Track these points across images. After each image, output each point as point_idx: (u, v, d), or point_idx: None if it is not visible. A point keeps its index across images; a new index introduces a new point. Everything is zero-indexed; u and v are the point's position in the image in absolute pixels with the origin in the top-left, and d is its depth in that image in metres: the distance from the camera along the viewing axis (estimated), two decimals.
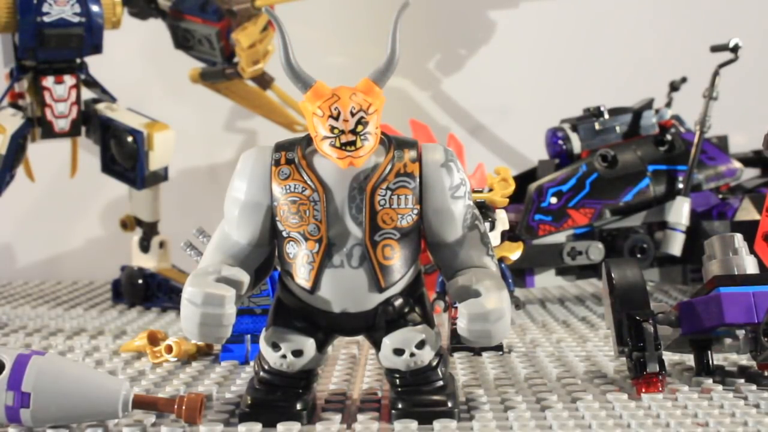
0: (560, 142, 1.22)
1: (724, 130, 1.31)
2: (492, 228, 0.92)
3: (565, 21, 1.64)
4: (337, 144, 0.65)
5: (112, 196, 1.56)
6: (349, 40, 1.62)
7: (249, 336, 0.90)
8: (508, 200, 0.94)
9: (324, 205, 0.66)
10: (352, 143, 0.65)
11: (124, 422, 0.69)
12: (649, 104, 1.26)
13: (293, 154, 0.68)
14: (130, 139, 1.22)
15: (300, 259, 0.67)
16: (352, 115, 0.65)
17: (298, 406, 0.68)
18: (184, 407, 0.67)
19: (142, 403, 0.68)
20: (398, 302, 0.68)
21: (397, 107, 1.49)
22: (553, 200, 1.16)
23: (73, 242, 1.64)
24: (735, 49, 1.20)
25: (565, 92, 1.58)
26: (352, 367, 0.86)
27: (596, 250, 1.18)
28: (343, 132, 0.65)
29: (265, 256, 0.70)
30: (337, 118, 0.65)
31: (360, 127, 0.65)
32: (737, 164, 1.26)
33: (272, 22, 0.69)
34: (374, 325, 0.68)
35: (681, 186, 1.20)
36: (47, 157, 1.31)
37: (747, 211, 1.19)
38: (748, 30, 1.35)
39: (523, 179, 1.19)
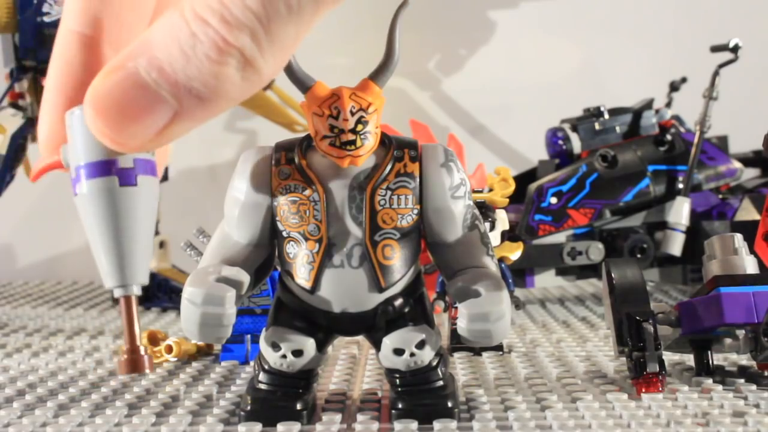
0: (560, 142, 1.22)
1: (724, 130, 1.31)
2: (492, 228, 0.92)
3: (565, 21, 1.64)
4: (337, 143, 0.65)
5: None
6: (349, 40, 1.62)
7: (249, 336, 0.90)
8: (508, 200, 0.94)
9: (324, 205, 0.66)
10: (352, 142, 0.65)
11: (125, 421, 0.69)
12: (649, 104, 1.26)
13: (293, 154, 0.68)
14: None
15: (300, 259, 0.67)
16: (352, 114, 0.65)
17: (298, 406, 0.68)
18: None
19: None
20: (398, 302, 0.68)
21: (397, 107, 1.49)
22: (553, 200, 1.16)
23: (73, 242, 1.64)
24: (735, 49, 1.20)
25: (565, 92, 1.58)
26: (352, 367, 0.86)
27: (596, 250, 1.18)
28: (342, 131, 0.65)
29: (265, 256, 0.70)
30: (336, 118, 0.65)
31: (360, 127, 0.65)
32: (737, 164, 1.26)
33: None
34: (374, 325, 0.68)
35: (681, 186, 1.20)
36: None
37: (747, 211, 1.19)
38: (748, 30, 1.35)
39: (523, 179, 1.19)
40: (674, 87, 1.37)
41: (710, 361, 0.80)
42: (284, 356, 0.68)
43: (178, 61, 0.38)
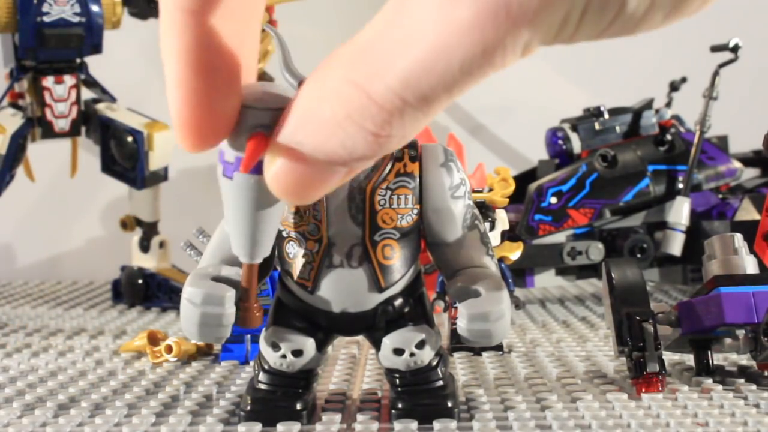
0: (560, 142, 1.22)
1: (724, 130, 1.31)
2: (492, 228, 0.92)
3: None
4: None
5: (112, 196, 1.56)
6: (349, 40, 1.62)
7: (249, 336, 0.90)
8: (508, 200, 0.94)
9: (324, 205, 0.66)
10: None
11: (125, 421, 0.69)
12: (649, 104, 1.26)
13: None
14: (130, 139, 1.22)
15: (300, 259, 0.67)
16: None
17: (298, 406, 0.68)
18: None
19: None
20: (398, 302, 0.68)
21: None
22: (553, 200, 1.16)
23: (73, 242, 1.64)
24: (735, 49, 1.20)
25: (565, 92, 1.58)
26: (352, 367, 0.86)
27: (596, 250, 1.18)
28: None
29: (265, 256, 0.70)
30: None
31: None
32: (737, 164, 1.26)
33: (272, 30, 0.69)
34: (374, 325, 0.68)
35: (681, 186, 1.20)
36: (47, 157, 1.31)
37: (747, 211, 1.19)
38: (748, 30, 1.35)
39: (523, 179, 1.19)
40: (674, 87, 1.37)
41: (710, 361, 0.80)
42: (284, 356, 0.68)
43: (341, 139, 0.39)
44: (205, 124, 0.43)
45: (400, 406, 0.68)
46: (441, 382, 0.69)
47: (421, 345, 0.67)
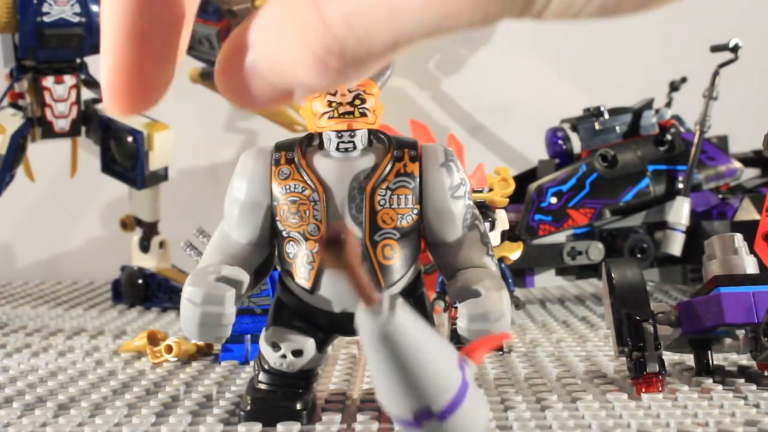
0: (560, 142, 1.22)
1: (724, 130, 1.31)
2: (492, 228, 0.92)
3: (565, 20, 1.64)
4: (336, 114, 0.66)
5: (112, 196, 1.55)
6: None
7: (249, 336, 0.90)
8: (508, 200, 0.94)
9: (324, 205, 0.66)
10: (350, 113, 0.66)
11: (125, 421, 0.69)
12: (649, 104, 1.26)
13: (293, 154, 0.68)
14: (130, 139, 1.22)
15: (300, 259, 0.67)
16: (350, 91, 0.66)
17: (298, 406, 0.68)
18: None
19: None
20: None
21: (397, 107, 1.49)
22: (553, 200, 1.16)
23: (73, 242, 1.64)
24: (735, 49, 1.20)
25: (565, 92, 1.58)
26: (352, 367, 0.86)
27: (596, 250, 1.18)
28: (341, 104, 0.66)
29: (265, 256, 0.70)
30: (334, 95, 0.66)
31: (358, 101, 0.66)
32: (737, 164, 1.25)
33: None
34: None
35: (681, 186, 1.20)
36: (47, 157, 1.31)
37: (747, 211, 1.19)
38: (748, 30, 1.35)
39: (523, 179, 1.19)
40: (674, 87, 1.37)
41: (710, 361, 0.80)
42: (284, 356, 0.68)
43: (284, 52, 0.38)
44: (135, 92, 0.43)
45: None
46: None
47: None
